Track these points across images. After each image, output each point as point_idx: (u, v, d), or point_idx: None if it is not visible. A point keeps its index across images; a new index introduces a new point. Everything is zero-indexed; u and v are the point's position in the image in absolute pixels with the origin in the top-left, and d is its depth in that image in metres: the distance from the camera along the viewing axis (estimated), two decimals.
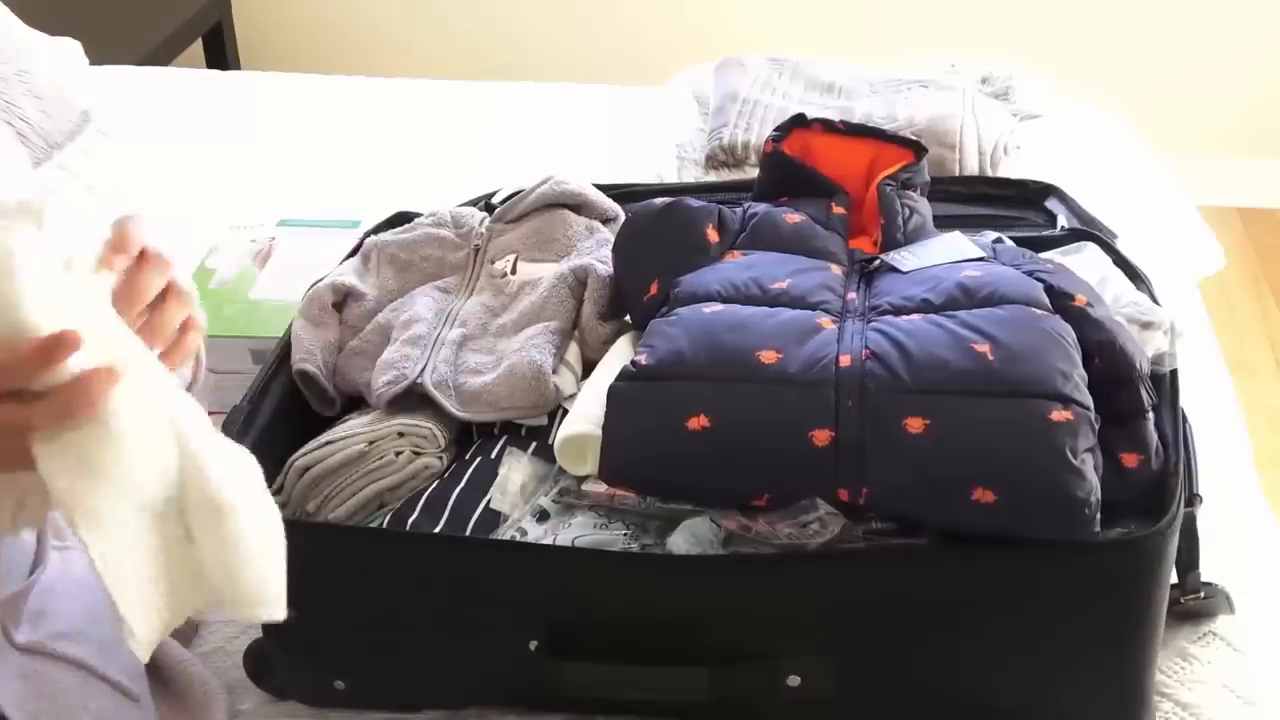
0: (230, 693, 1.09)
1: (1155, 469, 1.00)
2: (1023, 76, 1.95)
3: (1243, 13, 2.93)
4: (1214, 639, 1.10)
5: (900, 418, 0.95)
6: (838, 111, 1.73)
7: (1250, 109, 3.04)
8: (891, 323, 1.04)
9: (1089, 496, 0.93)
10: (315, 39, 3.22)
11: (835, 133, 1.30)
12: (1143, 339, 1.08)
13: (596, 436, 1.01)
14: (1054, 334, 1.01)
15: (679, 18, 3.08)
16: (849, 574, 0.97)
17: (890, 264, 1.14)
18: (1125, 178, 1.82)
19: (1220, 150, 3.07)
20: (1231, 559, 1.13)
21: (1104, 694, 0.99)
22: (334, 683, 1.06)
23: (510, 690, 1.06)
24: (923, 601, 0.96)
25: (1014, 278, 1.08)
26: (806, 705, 1.00)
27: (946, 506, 0.94)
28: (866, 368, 0.98)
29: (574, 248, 1.27)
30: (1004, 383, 0.97)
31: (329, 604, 1.02)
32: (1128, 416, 1.02)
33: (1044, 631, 0.97)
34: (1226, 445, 1.34)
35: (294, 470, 1.08)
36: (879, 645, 0.98)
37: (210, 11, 2.93)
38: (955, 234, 1.19)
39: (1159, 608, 0.97)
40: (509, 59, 3.11)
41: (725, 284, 1.10)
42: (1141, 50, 2.98)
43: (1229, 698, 1.05)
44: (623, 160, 1.79)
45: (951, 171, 1.64)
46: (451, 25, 3.16)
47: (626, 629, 0.98)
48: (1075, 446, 0.94)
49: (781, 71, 1.96)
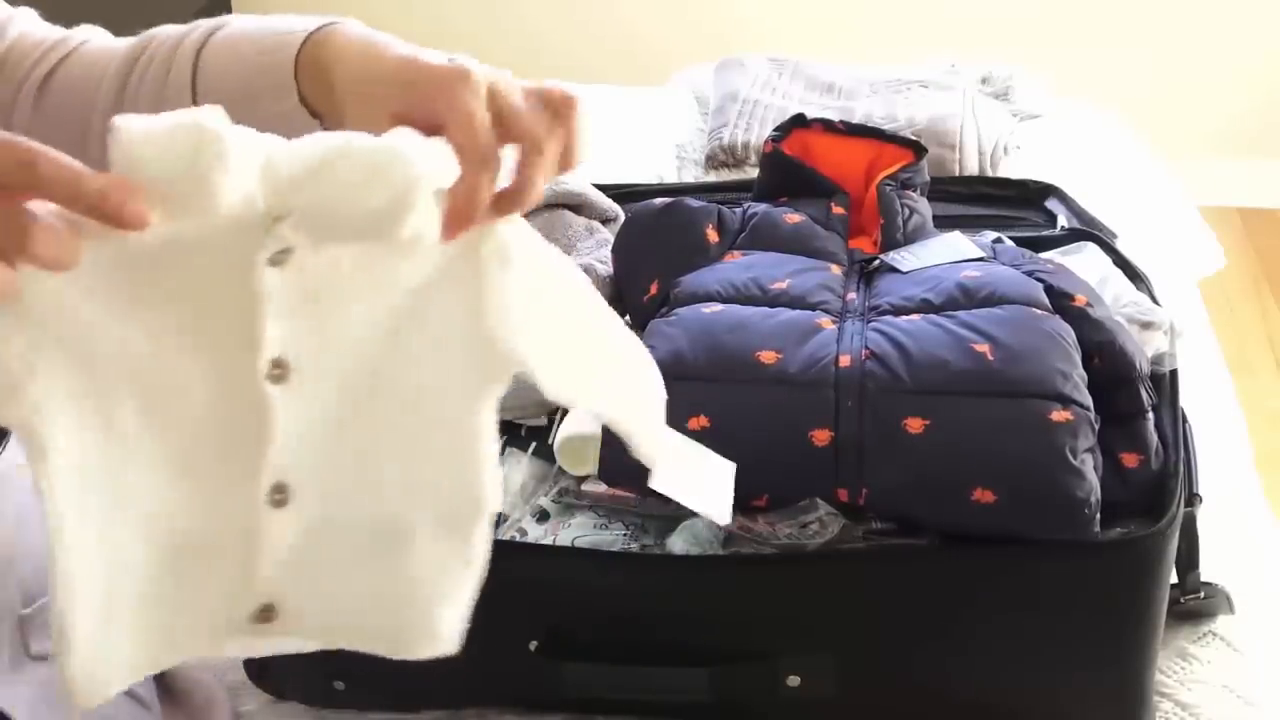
0: (231, 694, 1.09)
1: (1155, 469, 1.00)
2: (1023, 76, 1.95)
3: (1243, 13, 2.93)
4: (1214, 639, 1.09)
5: (900, 418, 0.95)
6: (838, 111, 1.73)
7: (1250, 109, 3.04)
8: (891, 323, 1.04)
9: (1089, 496, 0.93)
10: None
11: (835, 133, 1.30)
12: (1143, 339, 1.08)
13: (596, 437, 1.01)
14: (1054, 334, 1.01)
15: (679, 18, 3.08)
16: (849, 574, 0.97)
17: (890, 264, 1.14)
18: (1125, 178, 1.82)
19: (1220, 150, 3.07)
20: (1231, 559, 1.13)
21: (1104, 694, 0.99)
22: (334, 683, 1.06)
23: (510, 690, 1.06)
24: (923, 601, 0.96)
25: (1014, 278, 1.08)
26: (806, 705, 1.00)
27: (946, 506, 0.94)
28: (866, 368, 0.98)
29: (574, 248, 1.27)
30: (1004, 383, 0.97)
31: None
32: (1128, 416, 1.02)
33: (1044, 631, 0.97)
34: (1226, 445, 1.34)
35: None
36: (879, 645, 0.98)
37: (210, 12, 2.93)
38: (955, 234, 1.19)
39: (1159, 608, 0.97)
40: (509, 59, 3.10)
41: (725, 284, 1.10)
42: (1141, 50, 2.98)
43: (1229, 698, 1.05)
44: (623, 160, 1.79)
45: (951, 171, 1.64)
46: (451, 25, 3.16)
47: (626, 629, 0.98)
48: (1075, 446, 0.94)
49: (781, 71, 1.96)
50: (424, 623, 0.71)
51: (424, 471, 0.70)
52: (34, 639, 0.97)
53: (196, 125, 0.62)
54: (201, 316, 0.67)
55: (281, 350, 0.68)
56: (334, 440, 0.70)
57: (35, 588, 0.99)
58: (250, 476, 0.69)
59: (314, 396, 0.69)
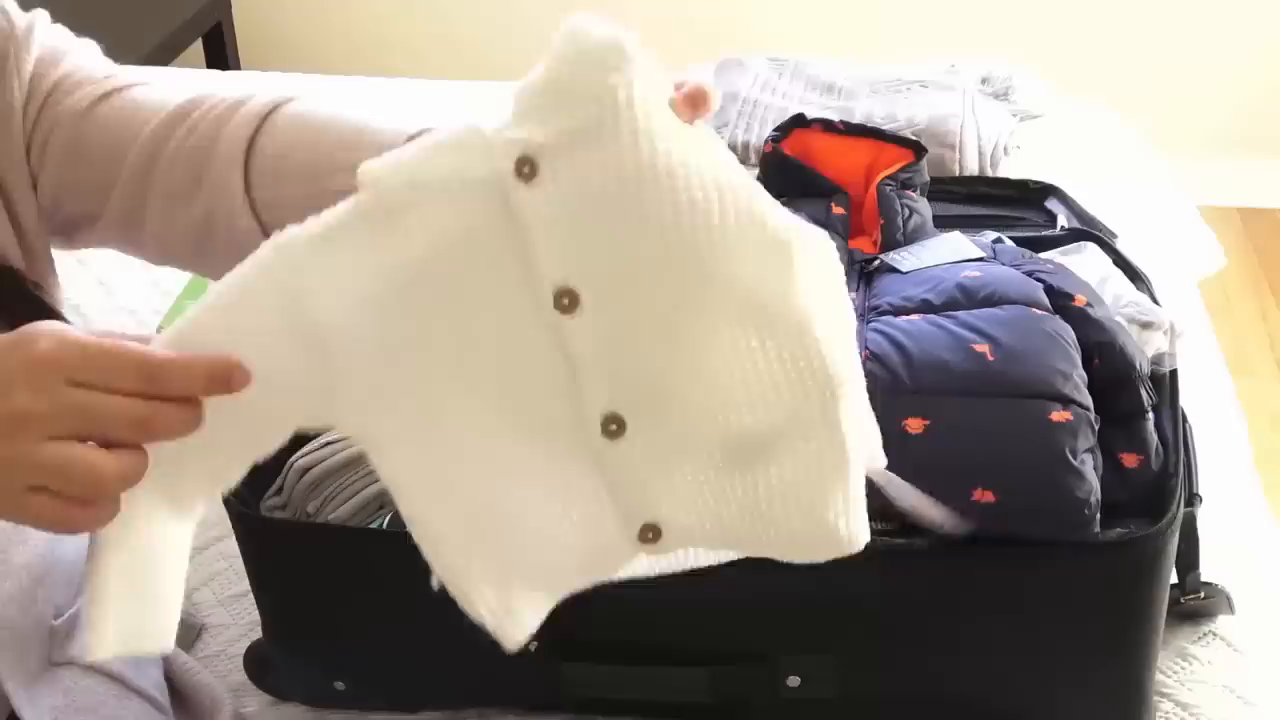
0: (233, 695, 1.09)
1: (1155, 469, 1.00)
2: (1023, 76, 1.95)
3: (1243, 13, 2.93)
4: (1214, 639, 1.10)
5: (900, 418, 0.95)
6: (838, 111, 1.73)
7: (1250, 109, 3.03)
8: (891, 323, 1.03)
9: (1089, 497, 0.93)
10: (315, 39, 3.22)
11: (835, 133, 1.30)
12: (1143, 339, 1.08)
13: None
14: (1054, 334, 1.01)
15: (679, 18, 3.08)
16: (849, 574, 0.97)
17: (890, 264, 1.14)
18: (1125, 178, 1.82)
19: (1220, 150, 3.06)
20: (1231, 559, 1.13)
21: (1104, 694, 0.99)
22: (334, 683, 1.06)
23: (510, 690, 1.06)
24: (923, 601, 0.96)
25: (1014, 278, 1.08)
26: (806, 705, 1.00)
27: (946, 506, 0.94)
28: (866, 368, 0.98)
29: None
30: (1004, 383, 0.97)
31: (329, 604, 1.02)
32: (1128, 416, 1.02)
33: (1044, 631, 0.97)
34: (1226, 445, 1.34)
35: (294, 471, 1.08)
36: (879, 645, 0.98)
37: (210, 11, 2.93)
38: (955, 234, 1.19)
39: (1159, 608, 0.97)
40: (509, 59, 3.10)
41: None
42: (1141, 50, 2.98)
43: (1229, 698, 1.05)
44: None
45: (951, 171, 1.64)
46: (451, 25, 3.16)
47: (626, 629, 0.98)
48: (1075, 447, 0.94)
49: (781, 72, 1.96)
50: (818, 529, 0.71)
51: (757, 373, 0.68)
52: (57, 648, 0.98)
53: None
54: (468, 275, 0.67)
55: (564, 276, 0.66)
56: (650, 359, 0.68)
57: (64, 601, 1.00)
58: (577, 416, 0.69)
59: (613, 318, 0.67)
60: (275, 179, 0.87)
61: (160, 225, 0.91)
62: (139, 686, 1.02)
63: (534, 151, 0.64)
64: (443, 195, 0.65)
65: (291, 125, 0.89)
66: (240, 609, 1.18)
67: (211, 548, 1.25)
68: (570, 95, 0.64)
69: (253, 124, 0.88)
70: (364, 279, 0.66)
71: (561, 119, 0.64)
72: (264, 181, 0.88)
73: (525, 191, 0.64)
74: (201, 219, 0.89)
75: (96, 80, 0.93)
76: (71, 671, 0.98)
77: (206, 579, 1.22)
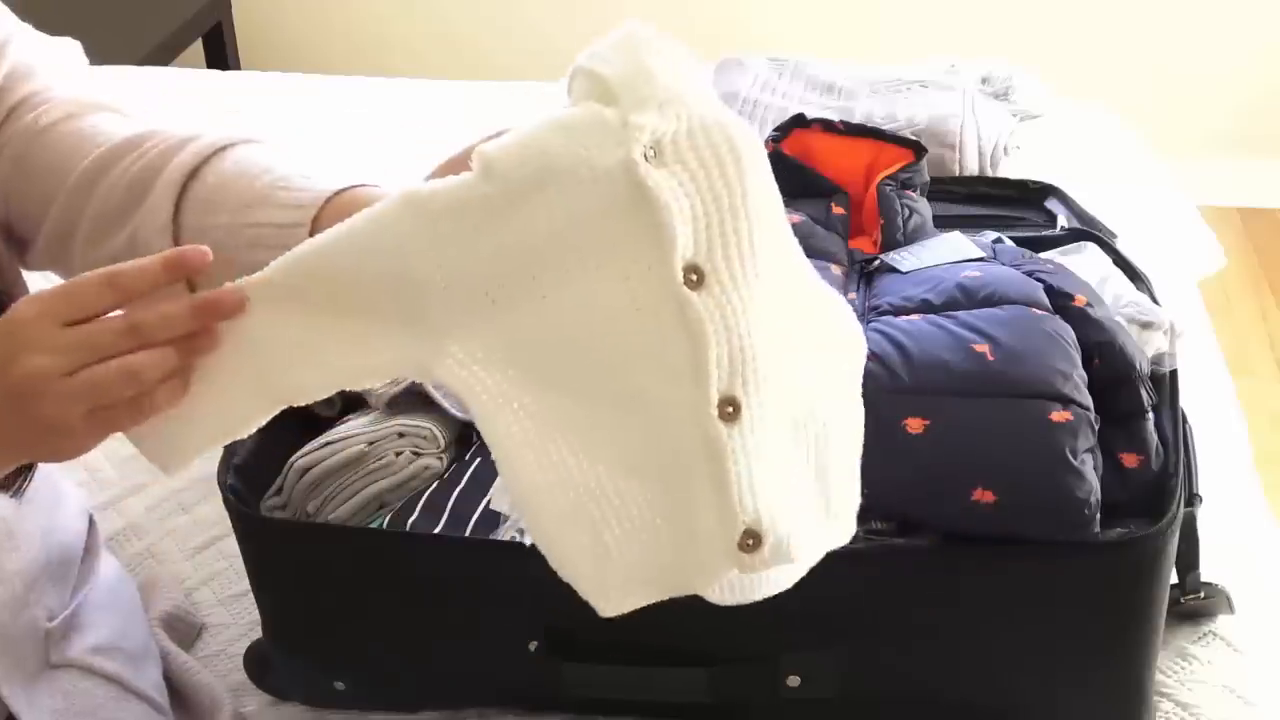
0: (233, 695, 1.09)
1: (1155, 469, 1.00)
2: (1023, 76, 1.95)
3: (1243, 13, 2.93)
4: (1214, 639, 1.10)
5: (900, 418, 0.95)
6: (838, 111, 1.73)
7: (1250, 109, 3.03)
8: (891, 323, 1.03)
9: (1089, 497, 0.93)
10: (315, 39, 3.21)
11: (835, 133, 1.30)
12: (1143, 339, 1.08)
13: None
14: (1054, 334, 1.01)
15: (679, 18, 3.08)
16: (849, 574, 0.97)
17: (890, 264, 1.14)
18: (1125, 178, 1.81)
19: (1220, 150, 3.06)
20: (1231, 559, 1.13)
21: (1104, 694, 0.99)
22: (334, 683, 1.06)
23: (510, 690, 1.06)
24: (923, 601, 0.96)
25: (1014, 278, 1.08)
26: (806, 705, 1.00)
27: (946, 506, 0.94)
28: (866, 368, 0.98)
29: None
30: (1004, 383, 0.97)
31: (329, 604, 1.02)
32: (1128, 416, 1.02)
33: (1044, 631, 0.97)
34: (1226, 445, 1.34)
35: (294, 471, 1.08)
36: (879, 645, 0.98)
37: (210, 11, 2.93)
38: (955, 234, 1.19)
39: (1159, 608, 0.97)
40: (509, 59, 3.11)
41: None
42: (1141, 50, 2.98)
43: (1229, 698, 1.05)
44: None
45: (951, 171, 1.64)
46: (451, 25, 3.16)
47: (626, 629, 0.98)
48: (1075, 447, 0.94)
49: (781, 71, 1.96)
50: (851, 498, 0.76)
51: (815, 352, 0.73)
52: (54, 650, 0.99)
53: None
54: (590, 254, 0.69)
55: (693, 253, 0.69)
56: (763, 339, 0.71)
57: (56, 605, 1.00)
58: (691, 399, 0.70)
59: (737, 296, 0.70)
60: (204, 208, 0.88)
61: (87, 246, 0.91)
62: (138, 688, 1.02)
63: (662, 136, 0.68)
64: (570, 181, 0.68)
65: (236, 163, 0.89)
66: (240, 609, 1.18)
67: (211, 547, 1.25)
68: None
69: (202, 155, 0.89)
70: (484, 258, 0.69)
71: (676, 106, 0.69)
72: (193, 208, 0.88)
73: (658, 174, 0.68)
74: (125, 244, 0.89)
75: (59, 102, 0.93)
76: (70, 674, 0.99)
77: (206, 579, 1.22)
